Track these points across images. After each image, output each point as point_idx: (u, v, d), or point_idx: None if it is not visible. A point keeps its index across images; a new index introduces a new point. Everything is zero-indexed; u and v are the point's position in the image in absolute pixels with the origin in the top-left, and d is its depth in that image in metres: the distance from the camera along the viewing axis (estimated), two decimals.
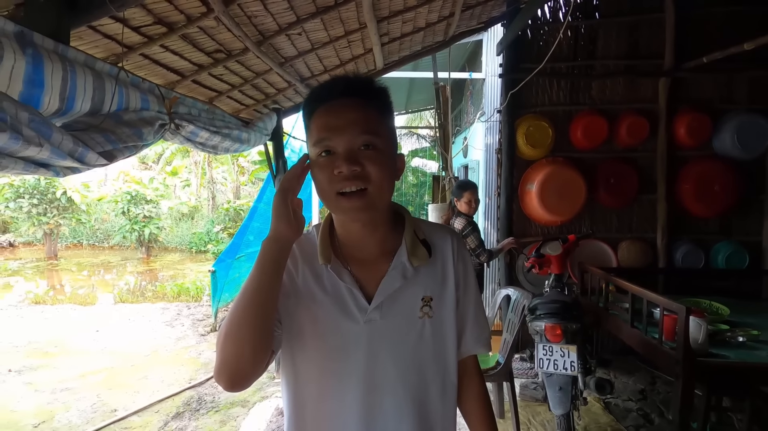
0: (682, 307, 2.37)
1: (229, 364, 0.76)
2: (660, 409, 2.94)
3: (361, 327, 0.85)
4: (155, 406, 3.49)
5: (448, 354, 0.92)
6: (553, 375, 2.32)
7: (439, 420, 0.91)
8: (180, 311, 6.18)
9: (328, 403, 0.87)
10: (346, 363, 0.86)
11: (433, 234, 0.95)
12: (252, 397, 3.59)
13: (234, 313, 0.77)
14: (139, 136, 1.60)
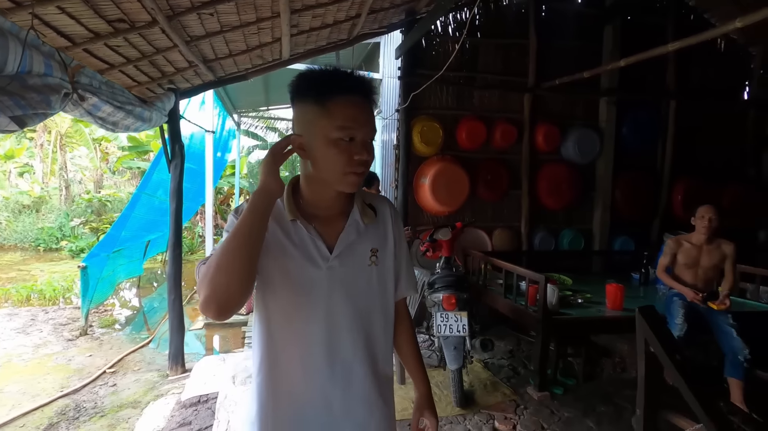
0: (542, 276, 2.98)
1: (219, 295, 0.88)
2: (524, 363, 3.60)
3: (324, 272, 1.03)
4: (17, 421, 3.02)
5: (389, 295, 1.15)
6: (449, 338, 2.73)
7: (381, 349, 1.13)
8: (34, 316, 5.27)
9: (296, 337, 1.03)
10: (310, 303, 1.03)
11: (375, 201, 1.17)
12: (144, 397, 3.35)
13: (225, 252, 0.90)
14: (48, 103, 1.47)
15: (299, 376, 1.04)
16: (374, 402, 1.11)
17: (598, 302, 3.38)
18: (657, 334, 1.50)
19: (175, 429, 2.64)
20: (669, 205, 4.91)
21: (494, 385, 3.20)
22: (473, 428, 2.65)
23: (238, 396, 2.98)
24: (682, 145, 4.91)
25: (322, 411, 1.05)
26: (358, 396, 1.08)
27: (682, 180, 4.89)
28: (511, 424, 2.69)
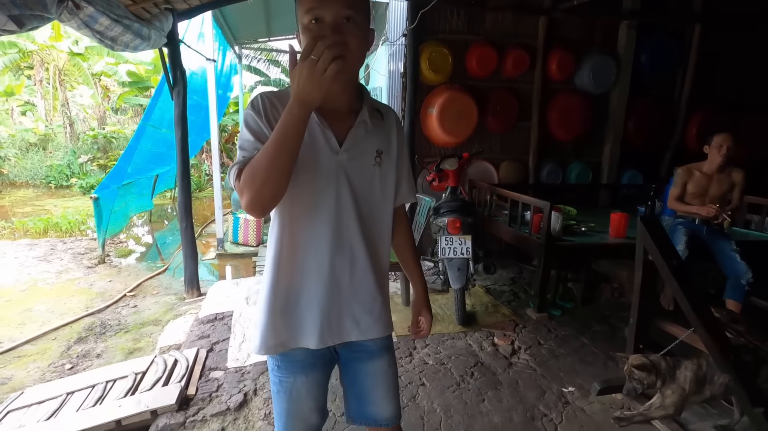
0: (546, 203, 3.00)
1: (261, 198, 0.96)
2: (525, 289, 3.74)
3: (333, 163, 1.07)
4: (50, 334, 3.25)
5: (389, 198, 1.20)
6: (453, 260, 2.82)
7: (382, 243, 1.20)
8: (54, 246, 5.47)
9: (308, 222, 1.09)
10: (321, 191, 1.08)
11: (382, 107, 1.19)
12: (164, 317, 3.56)
13: (265, 160, 0.93)
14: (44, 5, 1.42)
15: (311, 257, 1.10)
16: (377, 290, 1.19)
17: (602, 231, 3.42)
18: (656, 240, 1.54)
19: (195, 341, 2.84)
20: (682, 138, 4.79)
21: (495, 307, 3.34)
22: (474, 343, 2.81)
23: (252, 314, 3.16)
24: (703, 74, 4.69)
25: (332, 289, 1.12)
26: (363, 280, 1.15)
27: (699, 111, 4.72)
28: (510, 340, 2.85)
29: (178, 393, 2.18)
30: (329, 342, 1.17)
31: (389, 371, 1.27)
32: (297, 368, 1.18)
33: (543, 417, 2.10)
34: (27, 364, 2.84)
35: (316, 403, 1.23)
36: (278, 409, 1.24)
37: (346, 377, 1.29)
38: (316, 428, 1.27)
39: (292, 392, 1.19)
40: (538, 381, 2.39)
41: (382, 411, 1.29)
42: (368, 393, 1.27)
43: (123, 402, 2.16)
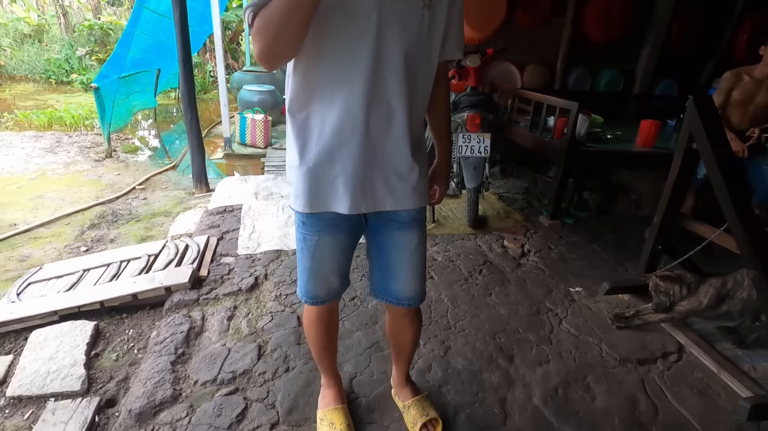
0: (575, 104, 2.78)
1: (271, 53, 0.88)
2: (539, 198, 3.66)
3: (373, 4, 0.92)
4: (64, 219, 3.29)
5: (435, 49, 1.06)
6: (470, 158, 2.70)
7: (419, 98, 1.08)
8: (59, 139, 5.38)
9: (342, 70, 0.97)
10: (357, 37, 0.94)
11: None
12: (174, 209, 3.56)
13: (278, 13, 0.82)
14: None
15: (343, 114, 1.00)
16: (415, 156, 1.10)
17: (628, 140, 3.23)
18: (707, 123, 1.39)
19: (205, 230, 2.85)
20: (731, 45, 4.33)
21: (507, 213, 3.29)
22: (483, 245, 2.80)
23: (262, 208, 3.14)
24: None
25: (367, 151, 1.04)
26: (400, 143, 1.06)
27: (755, 14, 4.20)
28: (520, 243, 2.83)
29: (191, 273, 2.22)
30: (362, 209, 1.11)
31: (418, 248, 1.22)
32: (322, 228, 1.14)
33: (548, 312, 2.13)
34: (43, 245, 2.91)
35: (338, 266, 1.21)
36: (300, 267, 1.22)
37: (373, 247, 1.25)
38: (336, 293, 1.26)
39: (315, 251, 1.16)
40: (546, 281, 2.41)
41: (405, 289, 1.26)
42: (393, 267, 1.24)
43: (137, 279, 2.21)
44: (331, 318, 1.35)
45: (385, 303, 1.31)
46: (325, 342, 1.38)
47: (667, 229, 1.80)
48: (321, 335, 1.35)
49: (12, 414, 1.59)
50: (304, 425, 1.45)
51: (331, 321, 1.36)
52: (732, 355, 1.83)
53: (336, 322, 1.40)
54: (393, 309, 1.32)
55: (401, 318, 1.34)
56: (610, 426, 1.51)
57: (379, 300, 1.32)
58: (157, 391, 1.56)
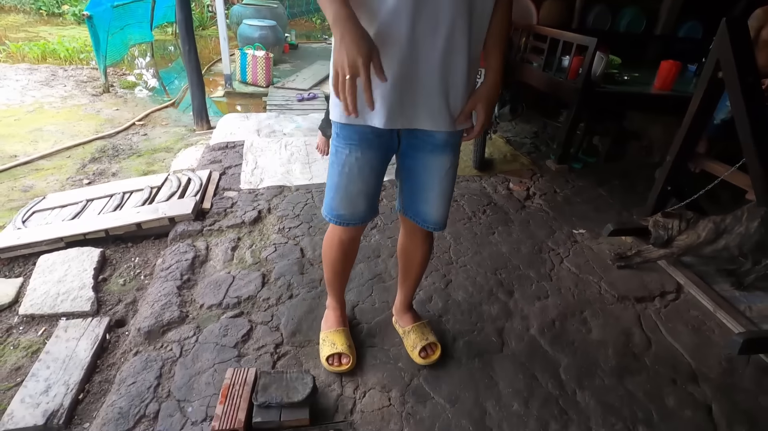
0: (593, 39, 2.63)
1: None
2: (547, 143, 3.57)
3: None
4: (64, 152, 3.25)
5: None
6: None
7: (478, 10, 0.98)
8: (54, 72, 5.21)
9: None
10: None
11: None
12: (175, 145, 3.51)
13: None
14: None
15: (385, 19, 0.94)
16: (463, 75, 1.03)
17: (645, 83, 3.09)
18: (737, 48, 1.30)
19: (207, 165, 2.81)
20: None
21: (514, 156, 3.23)
22: (488, 186, 2.76)
23: (264, 144, 3.08)
24: None
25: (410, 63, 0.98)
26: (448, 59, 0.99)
27: None
28: (525, 186, 2.79)
29: (194, 205, 2.21)
30: (397, 124, 1.06)
31: (449, 172, 1.18)
32: (354, 141, 1.11)
33: (550, 251, 2.14)
34: (45, 177, 2.89)
35: (365, 187, 1.18)
36: (329, 183, 1.21)
37: (404, 170, 1.23)
38: (360, 218, 1.24)
39: (345, 166, 1.14)
40: (549, 223, 2.40)
41: (433, 213, 1.24)
42: (423, 191, 1.22)
43: (141, 209, 2.21)
44: (352, 246, 1.35)
45: (411, 221, 1.30)
46: (339, 267, 1.39)
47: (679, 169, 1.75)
48: (337, 259, 1.36)
49: (26, 331, 1.65)
50: (307, 346, 1.50)
51: (351, 248, 1.36)
52: (729, 295, 1.85)
53: (355, 251, 1.40)
54: (411, 226, 1.31)
55: (416, 237, 1.34)
56: (603, 355, 1.56)
57: (407, 217, 1.30)
58: (165, 312, 1.60)
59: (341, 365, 1.39)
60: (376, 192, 1.23)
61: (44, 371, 1.44)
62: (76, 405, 1.36)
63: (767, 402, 1.41)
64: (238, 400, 1.20)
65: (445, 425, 1.27)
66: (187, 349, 1.47)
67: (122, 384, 1.35)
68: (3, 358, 1.53)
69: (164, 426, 1.22)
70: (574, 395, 1.39)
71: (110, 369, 1.49)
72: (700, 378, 1.49)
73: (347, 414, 1.28)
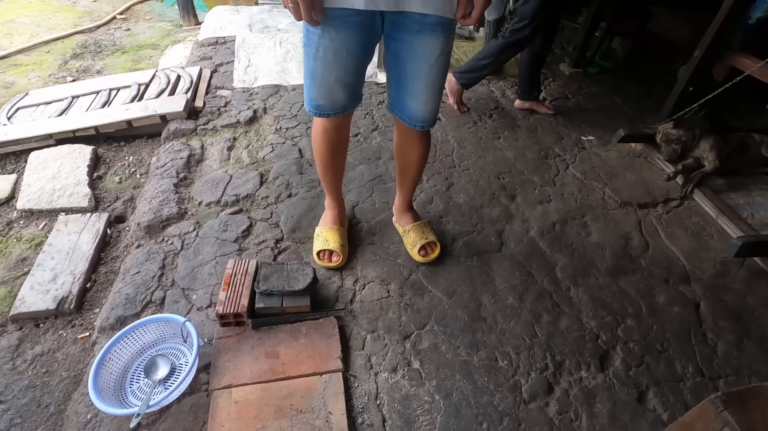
0: None
1: None
2: (563, 46, 3.31)
3: None
4: (42, 47, 3.02)
5: None
6: None
7: None
8: None
9: None
10: None
11: None
12: (161, 42, 3.26)
13: None
14: None
15: None
16: None
17: None
18: None
19: (197, 61, 2.63)
20: None
21: None
22: (497, 90, 2.61)
23: (257, 41, 2.85)
24: None
25: None
26: None
27: None
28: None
29: (185, 102, 2.10)
30: (380, 5, 0.93)
31: (439, 59, 1.05)
32: (328, 20, 0.97)
33: (556, 157, 2.08)
34: (26, 73, 2.71)
35: (343, 73, 1.08)
36: (304, 70, 1.11)
37: (389, 55, 1.10)
38: (341, 107, 1.16)
39: (318, 49, 1.02)
40: (558, 129, 2.30)
41: (419, 108, 1.15)
42: (409, 81, 1.11)
43: (130, 107, 2.10)
44: (338, 135, 1.27)
45: (397, 119, 1.22)
46: (328, 159, 1.33)
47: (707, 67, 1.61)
48: (325, 150, 1.30)
49: (27, 225, 1.65)
50: (307, 242, 1.51)
51: (338, 137, 1.28)
52: (733, 203, 1.83)
53: (344, 141, 1.33)
54: (402, 125, 1.24)
55: (410, 138, 1.28)
56: (600, 257, 1.58)
57: (394, 114, 1.22)
58: (163, 208, 1.59)
59: (331, 261, 1.41)
60: (358, 79, 1.13)
61: (49, 262, 1.46)
62: (84, 292, 1.40)
63: (754, 302, 1.46)
64: (241, 288, 1.23)
65: (441, 314, 1.32)
66: (188, 243, 1.48)
67: (127, 274, 1.37)
68: (8, 250, 1.55)
69: (171, 311, 1.26)
70: (568, 291, 1.43)
71: (114, 261, 1.52)
72: (692, 279, 1.53)
73: (347, 304, 1.32)
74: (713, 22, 1.53)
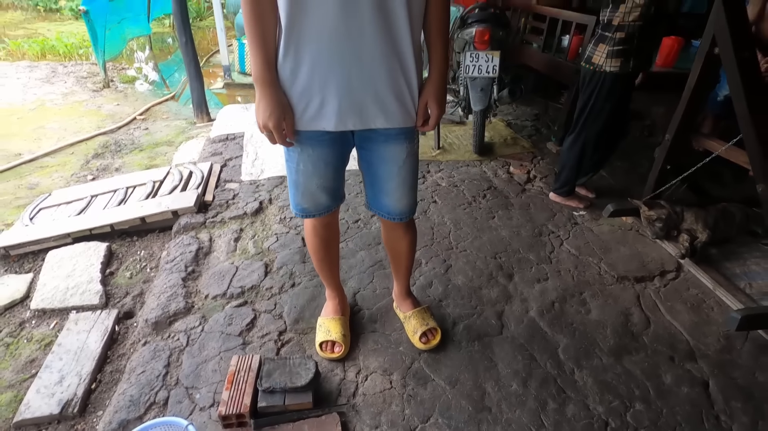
0: (592, 17, 2.59)
1: None
2: (549, 125, 3.54)
3: None
4: (68, 149, 3.29)
5: None
6: (477, 79, 2.58)
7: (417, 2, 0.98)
8: (54, 69, 5.22)
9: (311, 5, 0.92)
10: None
11: None
12: (176, 138, 3.53)
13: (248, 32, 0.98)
14: None
15: (318, 22, 0.94)
16: (409, 70, 1.04)
17: None
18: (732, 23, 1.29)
19: (208, 157, 2.83)
20: None
21: (514, 140, 3.21)
22: (488, 170, 2.76)
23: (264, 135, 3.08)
24: None
25: (351, 62, 0.99)
26: (389, 53, 0.99)
27: None
28: (526, 170, 2.79)
29: (196, 197, 2.24)
30: (349, 125, 1.07)
31: (407, 162, 1.18)
32: (304, 140, 1.11)
33: (550, 234, 2.15)
34: (50, 174, 2.93)
35: (323, 181, 1.19)
36: (289, 180, 1.22)
37: (362, 162, 1.23)
38: (326, 208, 1.26)
39: (299, 164, 1.15)
40: (550, 206, 2.40)
41: (395, 204, 1.26)
42: (382, 183, 1.23)
43: (145, 203, 2.24)
44: (327, 232, 1.36)
45: (378, 215, 1.32)
46: (321, 254, 1.41)
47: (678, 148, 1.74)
48: (317, 246, 1.38)
49: (39, 324, 1.70)
50: (310, 333, 1.53)
51: (328, 234, 1.37)
52: (729, 273, 1.86)
53: (334, 236, 1.41)
54: (385, 220, 1.33)
55: (395, 230, 1.36)
56: (602, 335, 1.58)
57: (373, 212, 1.33)
58: (171, 303, 1.64)
59: (333, 353, 1.42)
60: (337, 184, 1.25)
61: (57, 362, 1.49)
62: (89, 394, 1.41)
63: (764, 378, 1.43)
64: (244, 386, 1.24)
65: (445, 405, 1.30)
66: (193, 338, 1.51)
67: (132, 374, 1.39)
68: (18, 351, 1.58)
69: (174, 412, 1.26)
70: (572, 374, 1.42)
71: (120, 359, 1.54)
72: (698, 355, 1.51)
73: (350, 397, 1.32)
74: (677, 110, 1.69)
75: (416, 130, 1.17)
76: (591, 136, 2.15)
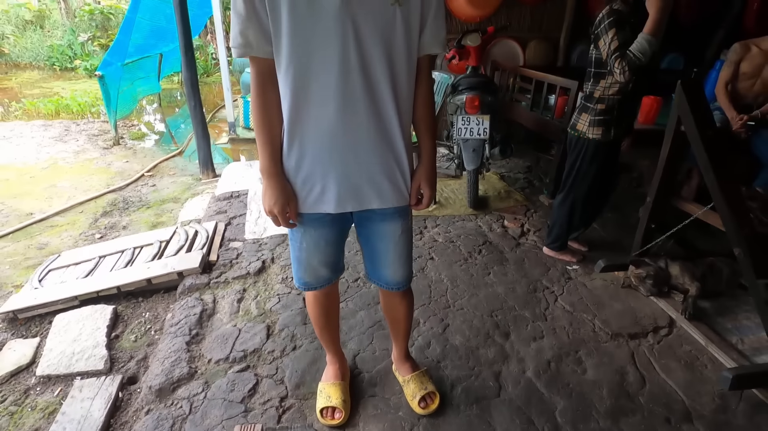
0: (574, 82, 2.79)
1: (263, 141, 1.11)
2: (541, 177, 3.68)
3: (336, 8, 0.94)
4: (77, 207, 3.41)
5: (413, 43, 1.06)
6: (469, 140, 2.73)
7: (400, 98, 1.10)
8: (67, 127, 5.47)
9: (311, 87, 1.02)
10: (321, 46, 0.98)
11: None
12: (182, 195, 3.66)
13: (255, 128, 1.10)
14: None
15: (320, 122, 1.06)
16: (400, 154, 1.15)
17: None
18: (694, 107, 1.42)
19: (213, 215, 2.94)
20: (740, 13, 4.22)
21: (508, 193, 3.33)
22: (483, 225, 2.86)
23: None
24: None
25: (348, 154, 1.09)
26: (382, 143, 1.11)
27: None
28: (520, 223, 2.88)
29: (201, 259, 2.32)
30: (348, 208, 1.17)
31: (402, 237, 1.28)
32: (306, 223, 1.21)
33: (545, 290, 2.21)
34: (60, 233, 3.03)
35: (324, 258, 1.28)
36: (291, 255, 1.31)
37: (361, 238, 1.33)
38: (326, 280, 1.34)
39: (302, 243, 1.24)
40: (544, 260, 2.47)
41: (392, 275, 1.34)
42: (380, 256, 1.31)
43: (151, 265, 2.32)
44: (328, 301, 1.43)
45: (377, 286, 1.40)
46: (323, 322, 1.47)
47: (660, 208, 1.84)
48: (319, 315, 1.45)
49: (43, 392, 1.72)
50: (311, 398, 1.56)
51: (329, 303, 1.44)
52: (721, 328, 1.90)
53: (334, 304, 1.48)
54: (384, 290, 1.41)
55: (393, 298, 1.43)
56: (598, 396, 1.60)
57: (373, 282, 1.40)
58: (175, 369, 1.67)
59: (333, 419, 1.45)
60: (337, 258, 1.34)
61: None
62: None
63: None
64: None
65: None
66: (196, 406, 1.53)
67: None
68: (21, 420, 1.60)
69: None
70: None
71: (123, 428, 1.55)
72: (693, 416, 1.53)
73: None
74: (656, 172, 1.81)
75: (410, 208, 1.27)
76: (579, 196, 2.26)
